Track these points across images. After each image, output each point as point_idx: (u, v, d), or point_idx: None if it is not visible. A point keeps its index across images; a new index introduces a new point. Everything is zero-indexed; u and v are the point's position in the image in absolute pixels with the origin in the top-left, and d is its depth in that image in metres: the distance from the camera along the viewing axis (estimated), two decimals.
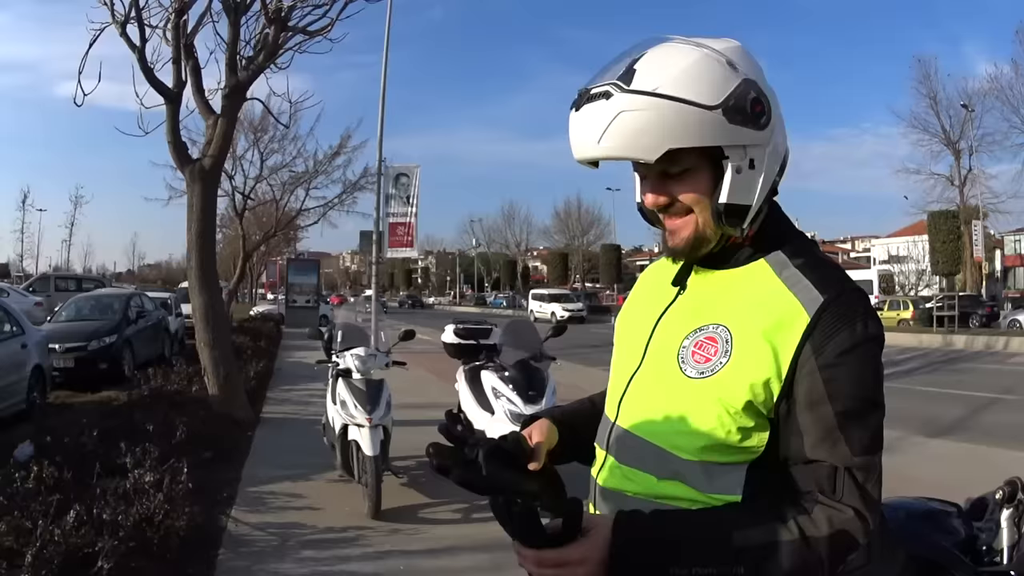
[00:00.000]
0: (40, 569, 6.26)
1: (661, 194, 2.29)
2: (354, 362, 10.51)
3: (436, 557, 8.50)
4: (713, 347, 2.21)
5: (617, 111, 2.12)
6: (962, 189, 71.05)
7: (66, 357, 20.01)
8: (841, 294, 2.16)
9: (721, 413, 2.14)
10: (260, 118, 39.03)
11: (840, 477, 2.08)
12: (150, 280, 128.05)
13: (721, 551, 2.00)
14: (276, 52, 15.26)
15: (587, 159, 2.24)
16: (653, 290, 2.60)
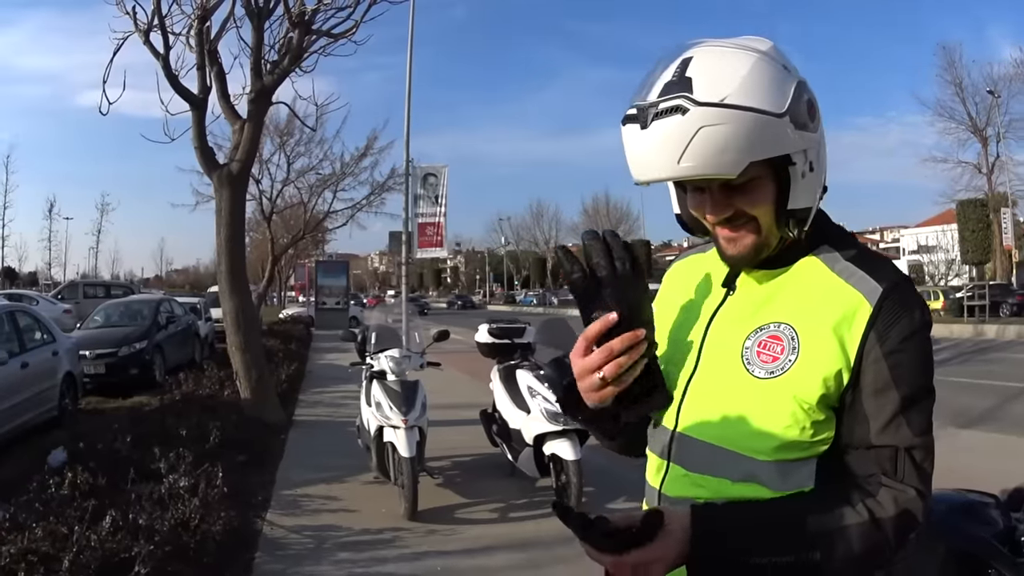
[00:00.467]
0: (77, 574, 6.24)
1: (725, 208, 2.22)
2: (388, 364, 10.46)
3: (473, 557, 8.45)
4: (779, 345, 2.19)
5: (697, 127, 2.02)
6: (990, 177, 69.93)
7: (97, 363, 20.04)
8: (898, 283, 2.16)
9: (795, 410, 2.12)
10: (286, 122, 39.07)
11: (902, 458, 2.11)
12: (178, 285, 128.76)
13: (797, 538, 2.02)
14: (301, 55, 15.24)
15: (660, 180, 2.17)
16: (690, 291, 2.54)
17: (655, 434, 2.47)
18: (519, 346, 11.66)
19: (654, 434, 2.48)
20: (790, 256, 2.31)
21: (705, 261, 2.58)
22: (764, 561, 2.01)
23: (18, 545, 6.63)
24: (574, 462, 9.57)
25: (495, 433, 11.47)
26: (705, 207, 2.24)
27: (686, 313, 2.48)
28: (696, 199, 2.27)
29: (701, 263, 2.59)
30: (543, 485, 10.72)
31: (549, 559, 8.30)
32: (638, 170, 2.16)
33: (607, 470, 11.23)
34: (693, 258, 2.68)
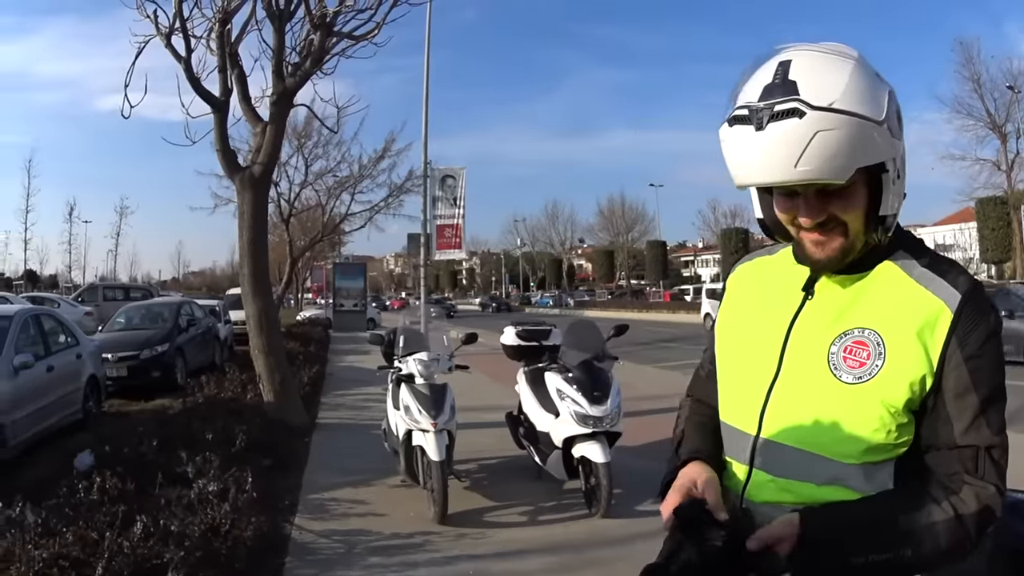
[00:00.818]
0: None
1: (820, 212, 2.26)
2: (417, 367, 10.38)
3: (505, 560, 8.41)
4: (864, 351, 2.26)
5: (814, 131, 2.06)
6: (1009, 174, 68.65)
7: (119, 366, 20.03)
8: (973, 289, 2.26)
9: (883, 415, 2.21)
10: (304, 124, 39.36)
11: (982, 457, 2.21)
12: (195, 287, 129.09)
13: (892, 536, 2.13)
14: (322, 58, 15.19)
15: (778, 183, 2.22)
16: (762, 294, 2.61)
17: (733, 440, 2.56)
18: (546, 348, 11.59)
19: (732, 440, 2.57)
20: (868, 261, 2.37)
21: (774, 264, 2.67)
22: (862, 560, 2.11)
23: (50, 550, 6.59)
24: (604, 464, 9.56)
25: (522, 436, 11.42)
26: (797, 211, 2.29)
27: (761, 317, 2.55)
28: (786, 203, 2.33)
29: (770, 266, 2.69)
30: (571, 487, 10.66)
31: (580, 562, 8.31)
32: (749, 172, 2.22)
33: (635, 472, 11.14)
34: (760, 260, 2.76)
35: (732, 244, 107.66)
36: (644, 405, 14.68)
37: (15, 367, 12.35)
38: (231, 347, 30.23)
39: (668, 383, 21.99)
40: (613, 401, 10.02)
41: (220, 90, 14.97)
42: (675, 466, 2.62)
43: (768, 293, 2.59)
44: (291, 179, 42.08)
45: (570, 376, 10.28)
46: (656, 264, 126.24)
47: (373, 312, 59.67)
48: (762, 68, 2.24)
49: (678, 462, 2.64)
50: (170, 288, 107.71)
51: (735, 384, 2.60)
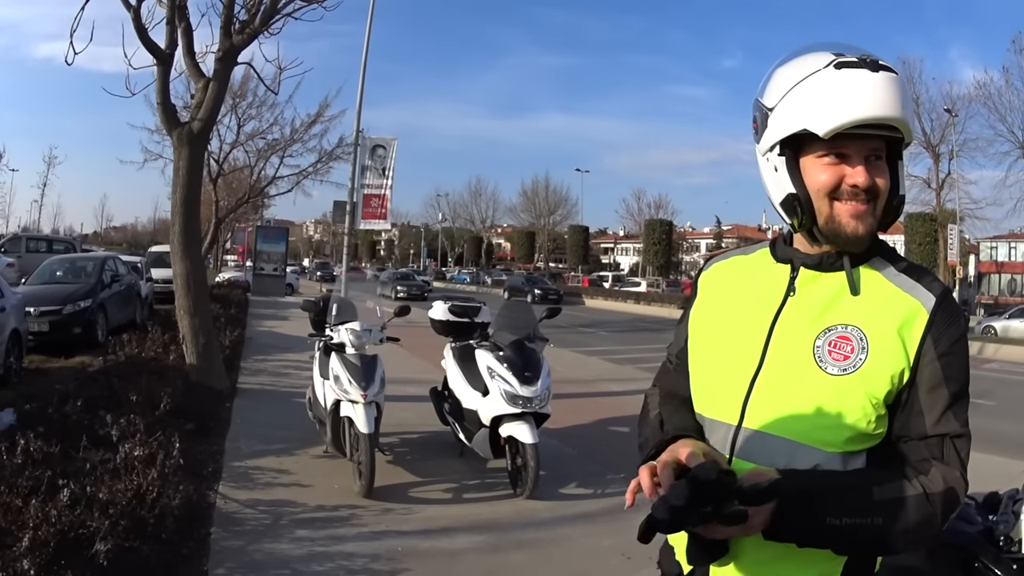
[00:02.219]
0: (36, 552, 5.97)
1: (870, 176, 2.42)
2: (349, 336, 10.31)
3: (432, 538, 8.43)
4: (849, 345, 2.40)
5: (903, 88, 2.38)
6: (939, 192, 70.50)
7: (41, 321, 19.51)
8: (945, 294, 2.47)
9: (865, 405, 2.35)
10: (240, 83, 38.94)
11: (948, 446, 2.39)
12: (116, 243, 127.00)
13: (866, 504, 2.26)
14: (272, 16, 15.03)
15: (889, 118, 2.35)
16: (741, 292, 2.70)
17: (711, 432, 2.63)
18: (476, 325, 11.58)
19: (710, 432, 2.64)
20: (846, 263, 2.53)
21: (751, 263, 2.79)
22: (836, 522, 2.23)
23: None
24: (532, 445, 9.61)
25: (446, 412, 11.43)
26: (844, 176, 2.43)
27: (741, 313, 2.65)
28: (831, 172, 2.45)
29: (747, 264, 2.81)
30: (494, 466, 10.74)
31: (508, 543, 8.42)
32: (864, 107, 2.34)
33: (559, 455, 11.36)
34: (736, 259, 2.88)
35: (655, 235, 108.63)
36: (565, 389, 14.67)
37: None
38: (151, 305, 29.88)
39: (588, 368, 22.26)
40: (543, 382, 10.06)
41: (166, 42, 14.75)
42: (661, 440, 2.64)
43: (747, 290, 2.68)
44: (222, 138, 41.97)
45: (501, 355, 10.30)
46: (576, 249, 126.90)
47: (292, 278, 59.43)
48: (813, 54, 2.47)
49: (666, 436, 2.67)
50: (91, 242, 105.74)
51: (713, 377, 2.66)
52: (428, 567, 7.65)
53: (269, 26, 15.26)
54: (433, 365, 13.82)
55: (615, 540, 8.42)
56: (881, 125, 2.36)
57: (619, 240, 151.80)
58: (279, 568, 7.33)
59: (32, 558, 5.82)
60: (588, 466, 11.28)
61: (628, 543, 8.07)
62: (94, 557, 6.18)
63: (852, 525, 2.23)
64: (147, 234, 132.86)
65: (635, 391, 17.27)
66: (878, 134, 2.37)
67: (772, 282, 2.63)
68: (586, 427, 14.09)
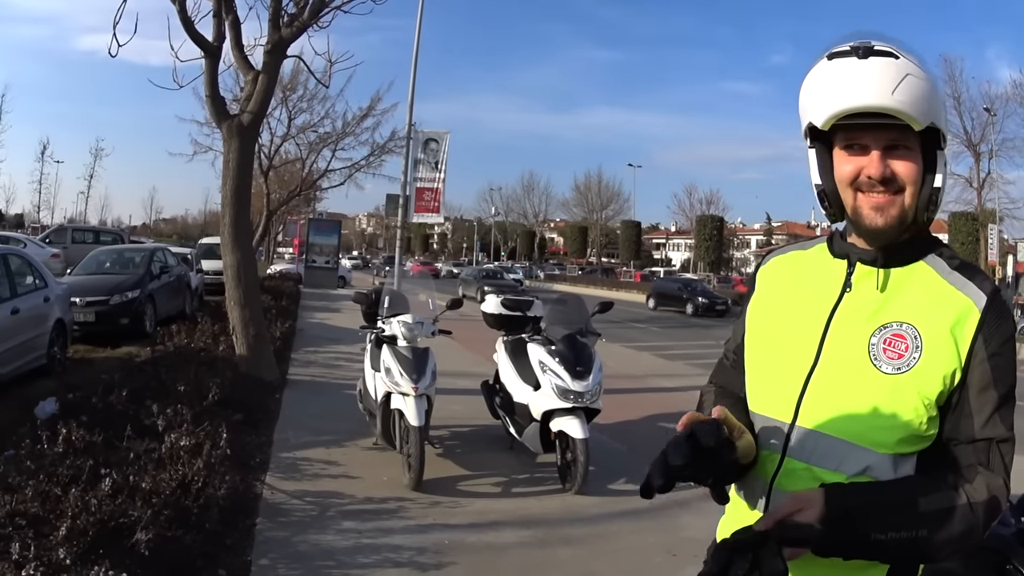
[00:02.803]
0: (73, 541, 5.92)
1: (887, 167, 2.38)
2: (401, 329, 10.25)
3: (480, 532, 8.35)
4: (903, 343, 2.34)
5: (905, 72, 2.28)
6: (980, 192, 70.47)
7: (87, 311, 19.54)
8: (996, 293, 2.40)
9: (918, 405, 2.29)
10: (290, 76, 38.95)
11: (994, 451, 2.33)
12: (165, 234, 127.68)
13: (911, 517, 2.20)
14: (321, 10, 14.99)
15: (876, 107, 2.30)
16: (798, 287, 2.66)
17: (765, 430, 2.56)
18: (528, 319, 11.47)
19: (763, 430, 2.57)
20: (903, 258, 2.49)
21: (809, 258, 2.75)
22: (882, 537, 2.17)
23: (5, 507, 6.31)
24: (582, 440, 9.53)
25: (497, 405, 11.36)
26: (862, 167, 2.42)
27: (797, 309, 2.60)
28: (851, 158, 2.45)
29: (805, 259, 2.76)
30: (543, 461, 10.66)
31: (555, 538, 8.30)
32: (850, 96, 2.33)
33: (609, 451, 11.29)
34: (794, 254, 2.83)
35: (707, 231, 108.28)
36: (616, 384, 14.56)
37: None
38: (201, 296, 29.93)
39: (639, 364, 22.11)
40: (595, 377, 9.95)
41: (213, 35, 14.72)
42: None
43: (803, 286, 2.64)
44: (273, 131, 41.90)
45: (553, 349, 10.21)
46: (629, 244, 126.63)
47: (344, 270, 59.47)
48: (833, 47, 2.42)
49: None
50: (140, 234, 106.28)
51: (768, 374, 2.61)
52: (474, 561, 7.58)
53: (318, 19, 15.25)
54: (485, 359, 13.74)
55: (661, 537, 8.37)
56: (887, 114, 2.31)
57: (671, 236, 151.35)
58: (323, 559, 7.26)
59: (69, 547, 5.76)
60: (637, 462, 11.08)
61: (674, 540, 8.11)
62: (134, 546, 6.14)
63: (897, 539, 2.19)
64: (197, 226, 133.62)
65: (685, 387, 17.41)
66: (892, 123, 2.32)
67: (829, 277, 2.58)
68: (636, 423, 13.93)
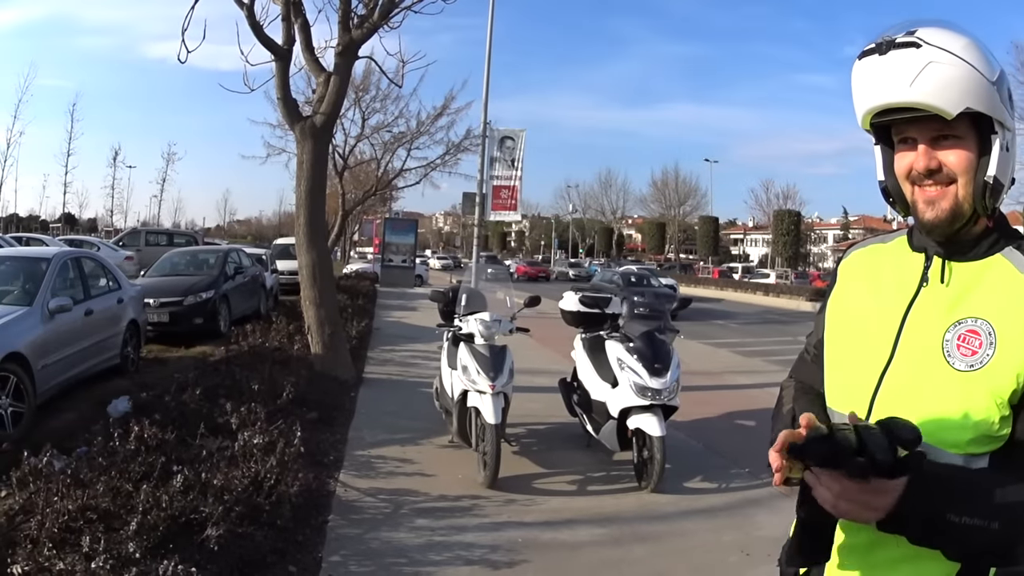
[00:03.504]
0: (144, 535, 5.93)
1: (933, 158, 2.34)
2: (478, 327, 10.20)
3: (555, 530, 8.25)
4: (977, 340, 2.26)
5: (928, 60, 2.23)
6: None
7: (161, 312, 19.87)
8: None
9: (990, 404, 2.19)
10: (363, 77, 39.17)
11: None
12: (240, 236, 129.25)
13: (987, 505, 2.10)
14: (391, 10, 15.01)
15: (895, 103, 2.29)
16: (875, 280, 2.61)
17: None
18: (607, 316, 11.32)
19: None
20: (979, 251, 2.41)
21: (889, 251, 2.68)
22: (956, 520, 2.08)
23: (77, 501, 6.32)
24: (660, 438, 9.43)
25: (575, 403, 11.29)
26: (912, 161, 2.38)
27: (875, 303, 2.55)
28: (905, 157, 2.41)
29: (884, 253, 2.70)
30: (620, 459, 10.56)
31: (630, 536, 8.22)
32: (870, 96, 2.34)
33: (685, 448, 11.20)
34: (874, 247, 2.77)
35: (784, 226, 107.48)
36: (693, 381, 14.42)
37: (50, 311, 12.07)
38: (276, 296, 30.08)
39: (716, 360, 21.89)
40: (673, 374, 9.85)
41: (283, 39, 14.85)
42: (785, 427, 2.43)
43: (882, 280, 2.59)
44: (347, 132, 42.13)
45: (632, 346, 10.09)
46: (707, 240, 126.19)
47: (421, 269, 59.53)
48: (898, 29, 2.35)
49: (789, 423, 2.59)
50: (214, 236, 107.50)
51: (845, 370, 2.57)
52: (547, 559, 7.52)
53: (388, 20, 15.26)
54: (562, 356, 13.68)
55: (736, 536, 8.28)
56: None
57: (748, 231, 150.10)
58: (395, 556, 7.24)
59: (139, 541, 5.79)
60: (713, 460, 11.04)
61: (749, 539, 8.01)
62: (204, 542, 6.17)
63: (970, 526, 2.09)
64: (272, 227, 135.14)
65: (762, 384, 17.23)
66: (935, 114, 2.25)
67: (907, 271, 2.52)
68: (712, 420, 13.78)
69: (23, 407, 10.64)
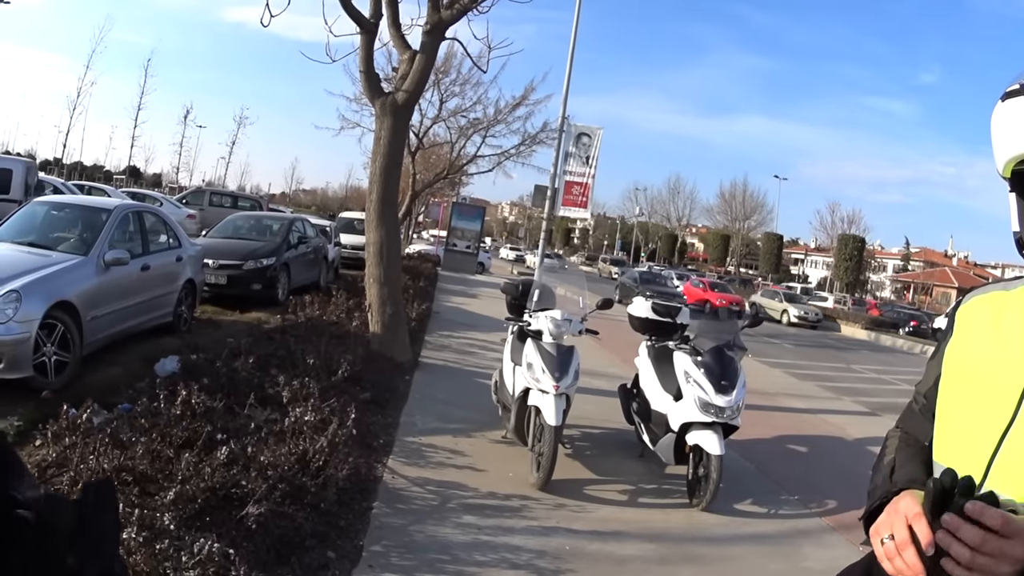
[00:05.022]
0: (180, 505, 5.75)
1: None
2: (548, 324, 9.98)
3: (603, 540, 8.06)
4: None
5: None
6: None
7: (219, 274, 19.82)
8: None
9: None
10: (444, 59, 39.08)
11: None
12: (304, 205, 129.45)
13: None
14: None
15: None
16: (999, 333, 2.35)
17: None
18: (677, 326, 11.12)
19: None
20: None
21: (1013, 300, 2.43)
22: None
23: (112, 461, 6.17)
24: (718, 457, 9.23)
25: (633, 411, 11.08)
26: None
27: (996, 357, 2.30)
28: None
29: (1008, 302, 2.45)
30: (672, 472, 10.41)
31: (678, 556, 8.13)
32: (1018, 141, 2.15)
33: (737, 468, 10.97)
34: (996, 295, 2.52)
35: (848, 250, 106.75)
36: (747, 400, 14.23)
37: (106, 262, 11.98)
38: (337, 270, 29.80)
39: (771, 380, 21.72)
40: (739, 393, 9.65)
41: (371, 12, 14.83)
42: (888, 491, 2.36)
43: (1005, 331, 2.33)
44: (424, 113, 42.10)
45: (700, 360, 9.87)
46: (769, 256, 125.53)
47: (483, 257, 59.44)
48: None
49: (893, 488, 2.37)
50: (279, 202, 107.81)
51: (960, 427, 2.35)
52: (593, 570, 7.35)
53: (478, 3, 15.11)
54: (622, 360, 13.54)
55: (784, 565, 8.14)
56: None
57: (810, 252, 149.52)
58: (439, 553, 7.05)
59: (175, 512, 5.62)
60: (764, 483, 10.85)
61: (795, 569, 7.96)
62: (243, 519, 5.95)
63: None
64: (337, 200, 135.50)
65: (816, 410, 17.43)
66: None
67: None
68: (765, 442, 13.54)
69: (68, 357, 10.53)
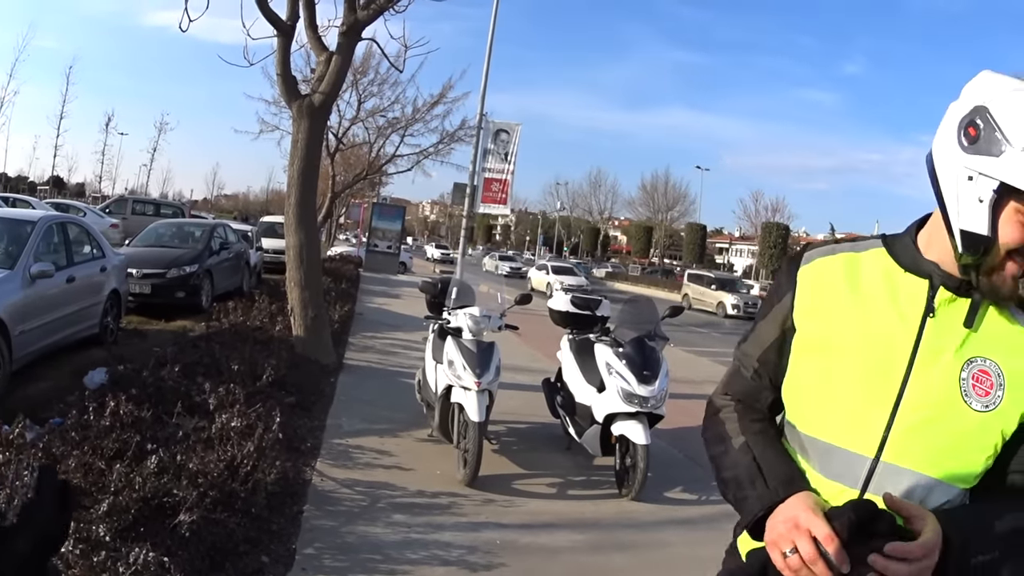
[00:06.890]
0: (114, 517, 5.75)
1: None
2: (467, 321, 10.07)
3: (533, 533, 8.17)
4: (988, 380, 2.26)
5: None
6: None
7: (143, 283, 19.63)
8: None
9: (998, 443, 2.27)
10: (362, 59, 39.01)
11: None
12: (226, 210, 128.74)
13: (998, 537, 2.15)
14: None
15: None
16: (863, 298, 2.43)
17: (840, 462, 2.39)
18: (597, 318, 11.31)
19: (839, 462, 2.39)
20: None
21: (866, 264, 2.51)
22: (980, 560, 2.10)
23: None
24: (644, 446, 9.35)
25: (558, 404, 11.17)
26: None
27: (867, 325, 2.39)
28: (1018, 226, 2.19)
29: (860, 266, 2.51)
30: (600, 464, 10.52)
31: (609, 543, 8.18)
32: None
33: (667, 457, 11.19)
34: (846, 256, 2.55)
35: (772, 238, 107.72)
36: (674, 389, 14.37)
37: (32, 275, 11.90)
38: (260, 275, 29.83)
39: (698, 369, 21.88)
40: (661, 382, 9.77)
41: (288, 14, 14.82)
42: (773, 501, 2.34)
43: (869, 298, 2.42)
44: (342, 114, 42.07)
45: (621, 351, 10.00)
46: (693, 247, 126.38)
47: (405, 256, 59.43)
48: None
49: (776, 497, 2.34)
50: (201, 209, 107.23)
51: (841, 399, 2.39)
52: (525, 563, 7.40)
53: (395, 2, 15.19)
54: (544, 355, 13.62)
55: (715, 549, 8.09)
56: None
57: (734, 241, 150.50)
58: (371, 552, 7.10)
59: (109, 523, 5.63)
60: (694, 471, 10.89)
61: None
62: (176, 527, 6.00)
63: (985, 562, 2.11)
64: (259, 204, 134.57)
65: None
66: None
67: (905, 296, 2.38)
68: (694, 430, 13.35)
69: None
